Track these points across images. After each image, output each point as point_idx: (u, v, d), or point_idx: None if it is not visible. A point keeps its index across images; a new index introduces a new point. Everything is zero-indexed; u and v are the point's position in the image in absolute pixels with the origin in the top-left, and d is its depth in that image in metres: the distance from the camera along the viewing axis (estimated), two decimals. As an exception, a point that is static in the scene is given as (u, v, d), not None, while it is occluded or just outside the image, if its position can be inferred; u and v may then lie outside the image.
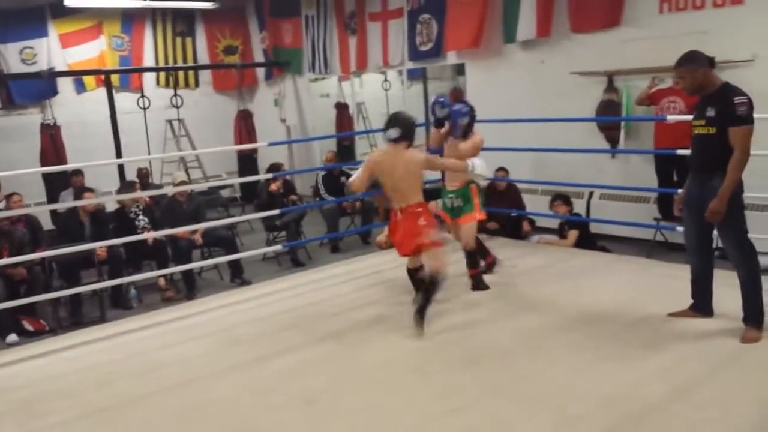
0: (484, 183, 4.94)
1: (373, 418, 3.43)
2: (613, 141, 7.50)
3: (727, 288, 4.23)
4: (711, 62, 3.96)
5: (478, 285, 5.27)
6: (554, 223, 7.08)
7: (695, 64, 3.93)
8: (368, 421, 3.39)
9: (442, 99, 5.33)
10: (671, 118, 6.25)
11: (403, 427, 3.28)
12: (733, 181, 3.83)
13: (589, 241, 6.64)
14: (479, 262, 5.39)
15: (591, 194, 7.51)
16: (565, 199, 6.75)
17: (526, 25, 7.85)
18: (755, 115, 3.86)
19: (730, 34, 6.26)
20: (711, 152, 3.93)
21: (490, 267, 5.58)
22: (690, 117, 5.78)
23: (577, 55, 7.63)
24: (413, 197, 4.52)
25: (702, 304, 4.31)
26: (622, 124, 7.32)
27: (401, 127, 4.49)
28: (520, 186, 7.56)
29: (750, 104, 3.81)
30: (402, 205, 4.55)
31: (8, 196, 7.26)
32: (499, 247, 6.52)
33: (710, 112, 3.90)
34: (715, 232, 4.19)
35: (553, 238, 6.89)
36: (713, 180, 3.90)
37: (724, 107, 3.82)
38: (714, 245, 4.37)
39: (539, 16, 7.70)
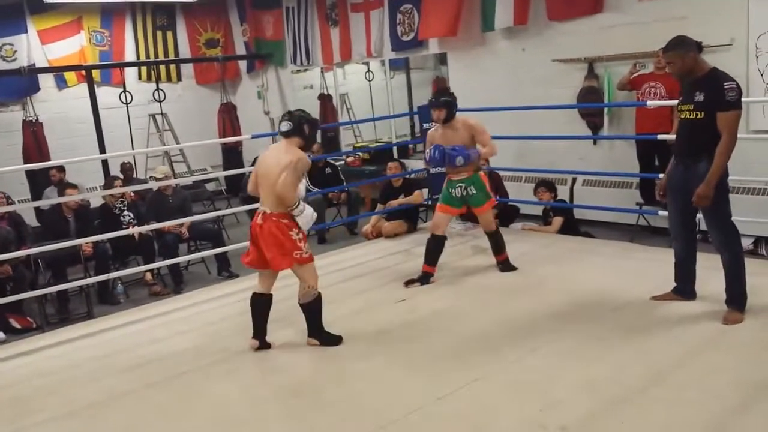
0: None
1: (359, 409, 3.46)
2: (594, 127, 7.56)
3: (709, 270, 4.30)
4: (699, 47, 3.96)
5: (508, 269, 5.39)
6: (538, 210, 7.13)
7: (684, 49, 3.93)
8: (354, 412, 3.42)
9: (433, 162, 5.23)
10: (651, 103, 6.31)
11: (390, 417, 3.31)
12: (721, 166, 3.85)
13: (572, 227, 6.70)
14: (504, 245, 5.45)
15: (574, 181, 7.56)
16: (549, 186, 6.79)
17: (504, 13, 7.85)
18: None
19: (709, 18, 6.30)
20: (698, 137, 3.94)
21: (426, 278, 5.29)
22: (670, 102, 5.91)
23: (558, 42, 7.66)
24: (281, 204, 4.00)
25: (685, 287, 4.36)
26: (606, 110, 7.37)
27: (293, 121, 4.07)
28: (503, 174, 7.60)
29: (738, 89, 3.83)
30: (266, 210, 4.04)
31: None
32: (484, 234, 6.58)
33: (699, 97, 3.90)
34: (699, 215, 4.25)
35: (536, 225, 6.94)
36: (698, 164, 3.93)
37: (714, 92, 3.83)
38: (697, 228, 4.43)
39: (516, 3, 7.71)
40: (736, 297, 4.06)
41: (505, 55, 8.27)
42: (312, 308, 4.17)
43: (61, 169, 8.68)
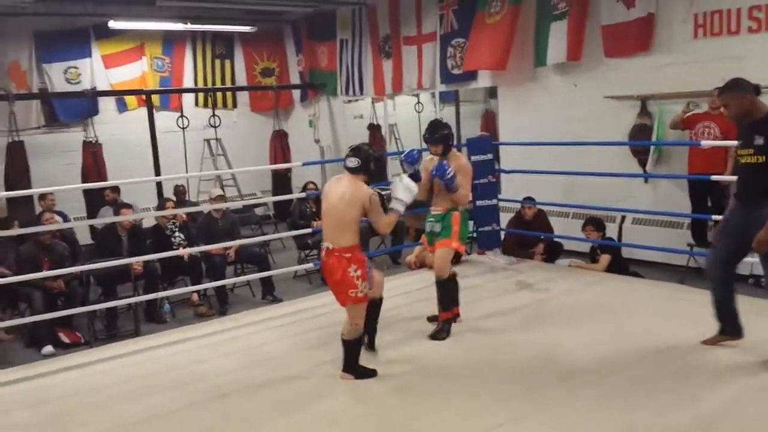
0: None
1: (398, 438, 3.45)
2: (646, 165, 7.45)
3: (759, 317, 4.17)
4: (756, 89, 3.89)
5: (436, 334, 4.78)
6: (585, 247, 7.03)
7: (741, 92, 3.86)
8: (392, 442, 3.41)
9: (407, 159, 4.65)
10: (706, 143, 6.20)
11: (427, 449, 3.29)
12: None
13: (621, 265, 6.58)
14: (453, 301, 4.92)
15: (623, 218, 7.45)
16: (597, 224, 6.69)
17: (557, 48, 7.86)
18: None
19: (767, 59, 6.20)
20: (759, 181, 3.84)
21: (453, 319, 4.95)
22: (725, 143, 5.82)
23: (610, 79, 7.62)
24: (343, 237, 4.01)
25: (731, 326, 4.20)
26: (652, 148, 7.27)
27: (361, 158, 4.05)
28: (550, 209, 7.53)
29: None
30: (329, 245, 4.05)
31: (40, 214, 7.40)
32: (530, 270, 6.53)
33: (759, 141, 3.79)
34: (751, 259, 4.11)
35: (583, 262, 6.84)
36: (762, 210, 3.80)
37: None
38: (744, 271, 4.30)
39: (570, 40, 7.71)
40: None
41: (557, 91, 8.25)
42: (353, 345, 4.18)
43: (116, 189, 8.95)
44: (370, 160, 4.09)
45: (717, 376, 3.88)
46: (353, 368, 4.19)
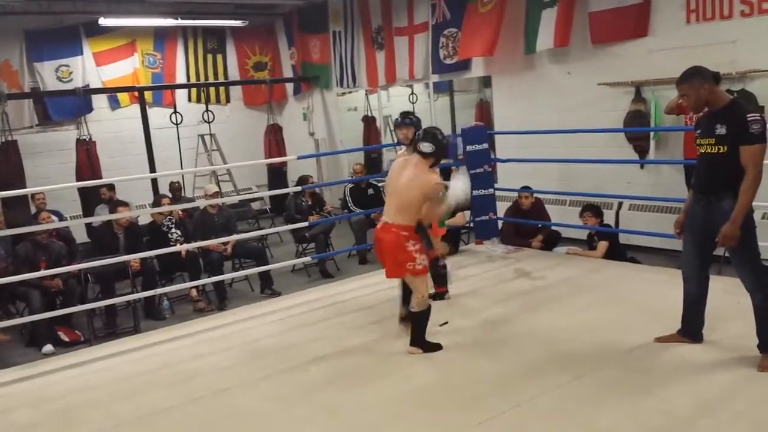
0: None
1: (398, 431, 3.45)
2: (641, 151, 7.45)
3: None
4: (716, 77, 3.77)
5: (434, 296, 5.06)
6: (582, 234, 7.03)
7: (699, 80, 3.75)
8: (393, 434, 3.41)
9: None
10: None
11: (430, 438, 3.29)
12: (746, 203, 3.65)
13: (618, 252, 6.59)
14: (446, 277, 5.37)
15: (620, 205, 7.45)
16: (595, 210, 6.68)
17: (545, 35, 7.83)
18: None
19: (759, 43, 6.20)
20: (720, 172, 3.75)
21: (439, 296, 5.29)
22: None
23: (604, 66, 7.60)
24: (403, 217, 4.19)
25: (693, 329, 4.17)
26: (652, 134, 7.26)
27: (436, 144, 4.24)
28: (548, 197, 7.52)
29: (763, 121, 3.65)
30: (388, 220, 4.25)
31: (37, 214, 7.38)
32: (528, 258, 6.54)
33: (720, 130, 3.70)
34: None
35: (580, 250, 6.84)
36: (723, 202, 3.72)
37: (737, 124, 3.64)
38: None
39: (558, 26, 7.67)
40: None
41: (551, 79, 8.23)
42: (421, 317, 4.32)
43: (111, 187, 8.92)
44: (442, 148, 4.32)
45: (716, 361, 3.89)
46: (421, 342, 4.35)
